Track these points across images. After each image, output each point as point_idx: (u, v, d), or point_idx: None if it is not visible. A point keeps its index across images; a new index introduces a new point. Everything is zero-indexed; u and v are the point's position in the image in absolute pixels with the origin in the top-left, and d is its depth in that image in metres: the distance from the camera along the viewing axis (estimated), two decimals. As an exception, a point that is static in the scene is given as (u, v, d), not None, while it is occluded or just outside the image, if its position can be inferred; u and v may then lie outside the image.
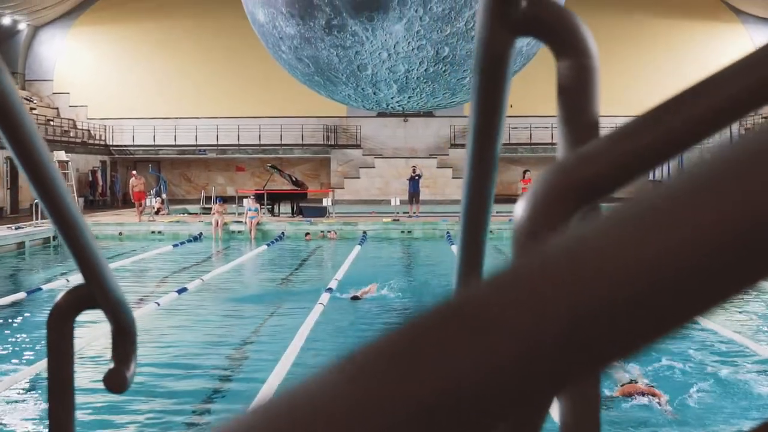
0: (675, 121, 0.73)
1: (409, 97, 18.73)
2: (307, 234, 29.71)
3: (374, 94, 18.59)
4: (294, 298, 16.57)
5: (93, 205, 41.67)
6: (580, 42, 1.04)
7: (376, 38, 17.13)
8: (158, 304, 14.79)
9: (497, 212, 35.06)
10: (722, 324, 13.04)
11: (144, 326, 13.53)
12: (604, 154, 0.77)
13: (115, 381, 1.67)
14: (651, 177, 0.72)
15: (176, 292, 16.34)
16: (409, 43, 17.20)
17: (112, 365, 1.68)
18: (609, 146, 0.77)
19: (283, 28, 17.27)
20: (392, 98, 18.72)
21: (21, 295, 16.52)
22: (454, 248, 23.94)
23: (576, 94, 1.04)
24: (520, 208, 0.82)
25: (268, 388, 9.22)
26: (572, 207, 0.80)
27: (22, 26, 45.28)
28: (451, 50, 17.30)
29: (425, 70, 17.77)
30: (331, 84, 18.41)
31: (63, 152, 37.20)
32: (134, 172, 35.55)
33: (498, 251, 25.60)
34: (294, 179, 36.29)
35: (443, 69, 17.78)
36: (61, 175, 1.44)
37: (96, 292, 1.60)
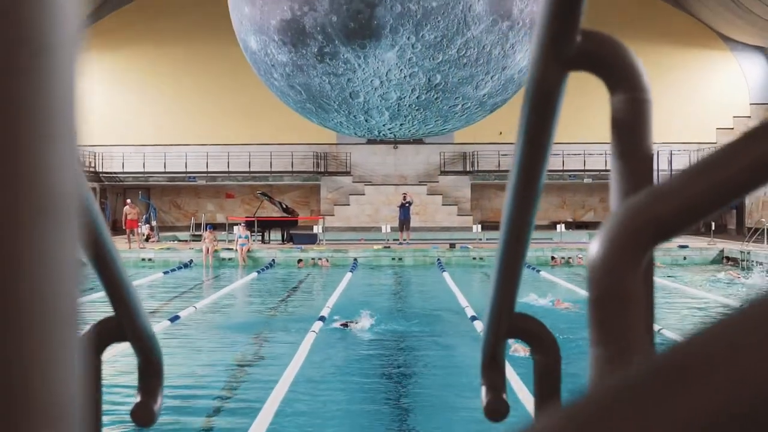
0: (746, 161, 0.72)
1: (400, 125, 18.77)
2: (299, 261, 29.68)
3: (366, 121, 18.61)
4: (286, 326, 16.50)
5: (82, 232, 41.42)
6: (635, 77, 1.04)
7: (368, 66, 17.17)
8: (150, 332, 14.72)
9: (487, 239, 34.91)
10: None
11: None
12: (678, 192, 0.77)
13: (143, 415, 1.65)
14: None
15: (168, 320, 16.29)
16: (401, 70, 17.24)
17: (138, 399, 1.67)
18: (682, 184, 0.77)
19: (275, 56, 17.29)
20: (384, 125, 18.76)
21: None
22: (446, 275, 24.01)
23: (630, 128, 1.04)
24: (594, 246, 0.81)
25: (263, 417, 9.18)
26: (647, 245, 0.79)
27: (12, 53, 45.32)
28: (443, 77, 17.35)
29: (417, 98, 17.79)
30: (323, 111, 18.43)
31: (53, 179, 37.02)
32: (129, 200, 35.49)
33: (487, 277, 25.60)
34: (284, 206, 36.29)
35: (435, 96, 17.82)
36: (95, 202, 1.42)
37: (125, 324, 1.58)
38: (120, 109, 46.76)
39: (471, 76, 17.36)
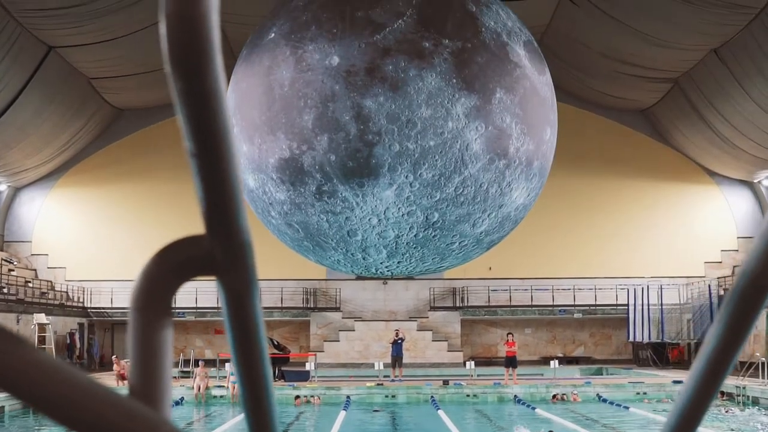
0: None
1: (398, 262, 18.79)
2: (297, 397, 29.34)
3: (363, 259, 18.61)
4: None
5: (70, 368, 40.93)
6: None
7: (366, 204, 17.27)
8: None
9: (479, 375, 34.69)
10: None
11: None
12: None
13: None
14: None
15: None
16: (399, 208, 17.33)
17: None
18: None
19: (273, 194, 17.39)
20: (381, 263, 18.77)
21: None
22: (441, 413, 23.69)
23: None
24: None
25: None
26: None
27: (3, 188, 45.48)
28: (441, 215, 17.45)
29: (415, 236, 17.86)
30: (321, 249, 18.44)
31: (43, 315, 36.90)
32: (116, 357, 35.16)
33: (483, 415, 25.32)
34: (276, 343, 36.10)
35: (433, 234, 17.89)
36: (268, 356, 1.27)
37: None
38: (108, 244, 46.82)
39: (468, 214, 17.46)
